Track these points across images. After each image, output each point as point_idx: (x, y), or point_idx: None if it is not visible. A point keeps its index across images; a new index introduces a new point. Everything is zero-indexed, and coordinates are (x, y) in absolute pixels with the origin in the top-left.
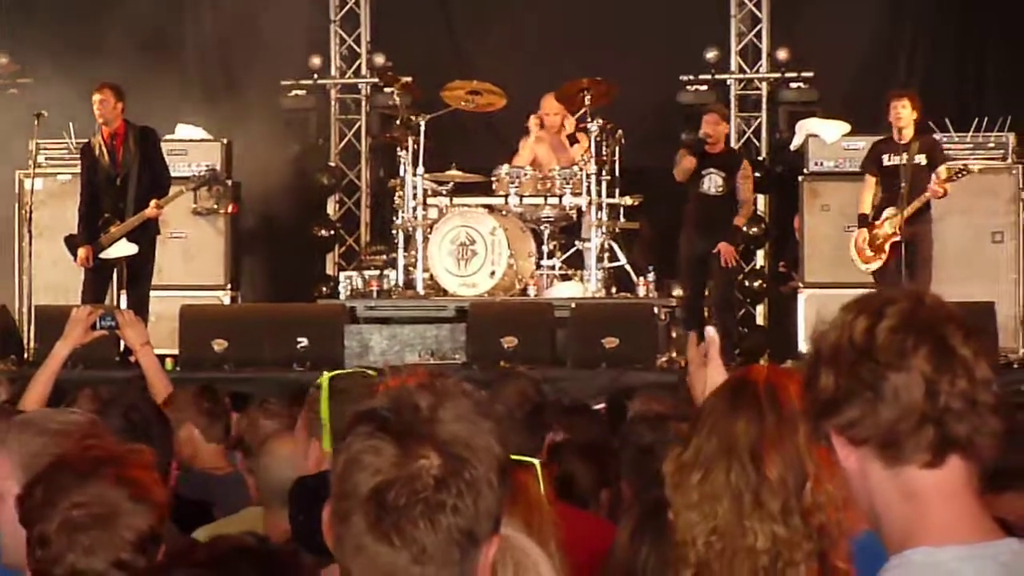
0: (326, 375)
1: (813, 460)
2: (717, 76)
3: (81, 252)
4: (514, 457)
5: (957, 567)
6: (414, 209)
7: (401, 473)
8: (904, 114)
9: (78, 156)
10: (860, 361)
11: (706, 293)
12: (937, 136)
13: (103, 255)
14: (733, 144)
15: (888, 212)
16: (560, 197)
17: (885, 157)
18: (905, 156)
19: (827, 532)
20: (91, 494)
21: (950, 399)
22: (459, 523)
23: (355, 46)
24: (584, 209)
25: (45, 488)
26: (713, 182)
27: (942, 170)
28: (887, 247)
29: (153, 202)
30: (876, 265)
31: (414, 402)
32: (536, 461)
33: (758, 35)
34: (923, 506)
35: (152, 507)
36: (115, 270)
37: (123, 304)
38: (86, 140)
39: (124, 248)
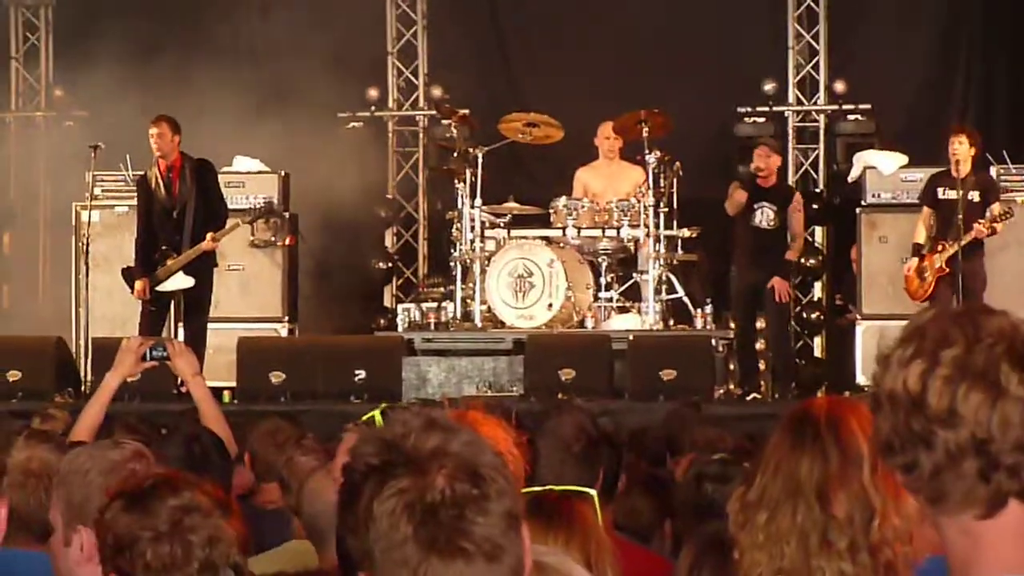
0: (379, 409)
1: (880, 494)
2: (775, 108)
3: (138, 284)
4: (571, 488)
5: None
6: (472, 241)
7: (435, 492)
8: (961, 150)
9: (134, 188)
10: (913, 412)
11: (759, 326)
12: (994, 168)
13: (160, 288)
14: (791, 176)
15: (941, 246)
16: (618, 229)
17: (940, 190)
18: (960, 191)
19: (893, 568)
20: (190, 501)
21: (1002, 455)
22: (506, 503)
23: (412, 78)
24: (642, 241)
25: (140, 499)
26: (765, 216)
27: (995, 207)
28: (933, 280)
29: (209, 235)
30: (921, 295)
31: (393, 435)
32: (593, 492)
33: (815, 67)
34: (981, 544)
35: (235, 514)
36: (172, 303)
37: (180, 337)
38: (142, 172)
39: (181, 281)
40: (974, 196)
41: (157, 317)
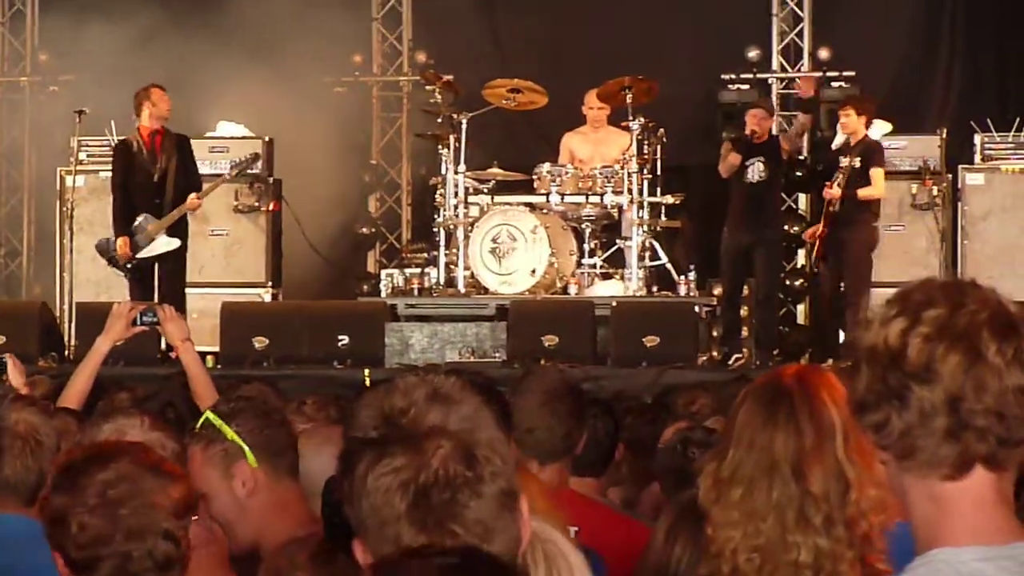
0: (207, 413)
1: (854, 466)
2: (759, 75)
3: (119, 242)
4: None
5: (979, 567)
6: (455, 207)
7: (430, 472)
8: (849, 122)
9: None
10: (890, 367)
11: (745, 291)
12: (978, 136)
13: (144, 253)
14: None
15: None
16: (602, 195)
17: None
18: (849, 157)
19: (869, 539)
20: (119, 473)
21: (973, 416)
22: (500, 484)
23: (397, 44)
24: (625, 207)
25: (70, 475)
26: (757, 169)
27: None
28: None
29: (193, 195)
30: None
31: (393, 408)
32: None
33: (800, 34)
34: (948, 510)
35: (175, 479)
36: (156, 268)
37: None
38: (123, 138)
39: (166, 243)
40: (856, 163)
41: (146, 284)
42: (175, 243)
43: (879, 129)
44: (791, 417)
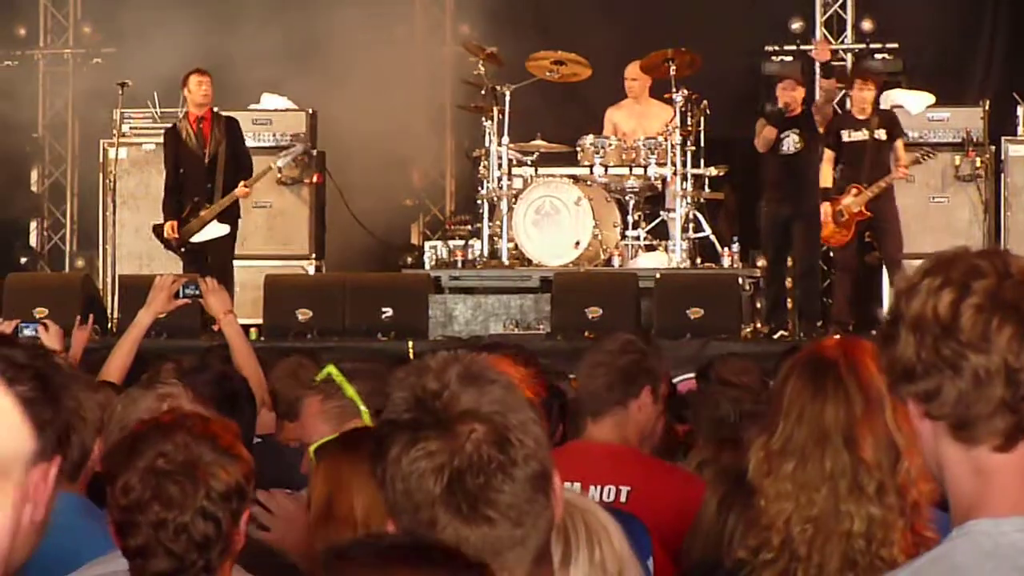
0: (330, 367)
1: (904, 434)
2: (802, 47)
3: (167, 226)
4: None
5: (1020, 537)
6: (499, 179)
7: (463, 456)
8: (868, 96)
9: (161, 128)
10: (943, 337)
11: (789, 263)
12: (1021, 108)
13: (196, 238)
14: None
15: (855, 189)
16: (645, 167)
17: (845, 133)
18: (867, 131)
19: (918, 507)
20: (176, 443)
21: None
22: (533, 467)
23: (439, 14)
24: (669, 179)
25: (131, 440)
26: (792, 141)
27: (901, 151)
28: (853, 223)
29: (241, 183)
30: (839, 239)
31: (426, 390)
32: None
33: (843, 6)
34: (992, 482)
35: (238, 462)
36: (205, 253)
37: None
38: (171, 124)
39: (217, 229)
40: (880, 135)
41: (198, 265)
42: (225, 229)
43: (922, 101)
44: (839, 387)
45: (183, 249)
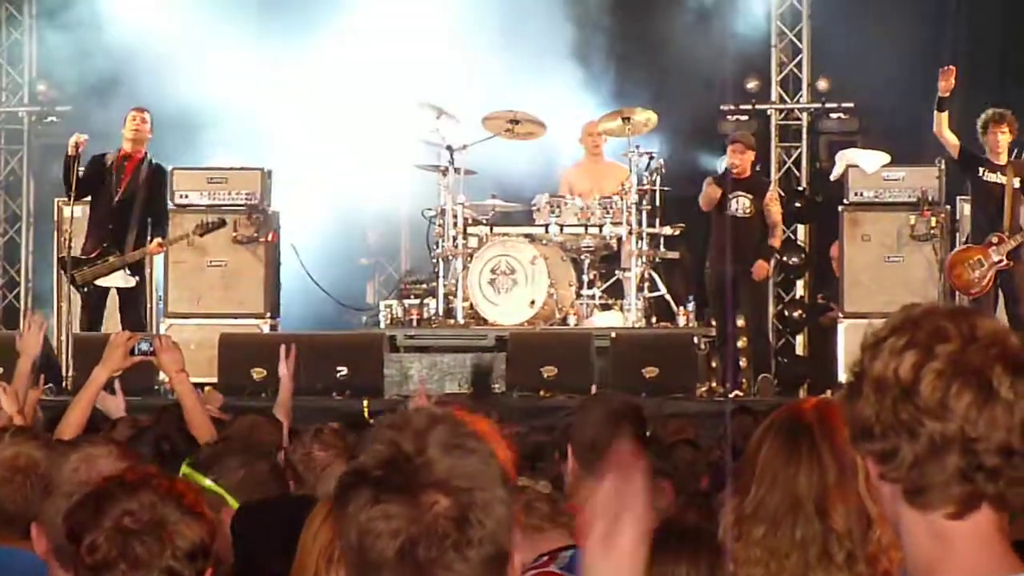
0: (184, 466)
1: (875, 502)
2: (758, 106)
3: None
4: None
5: None
6: (454, 238)
7: (420, 527)
8: (1003, 139)
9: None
10: (902, 400)
11: (740, 322)
12: None
13: (102, 282)
14: (773, 174)
15: (998, 238)
16: (600, 227)
17: (982, 170)
18: (1006, 177)
19: (889, 574)
20: (142, 502)
21: (985, 456)
22: (488, 550)
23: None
24: (624, 239)
25: (96, 498)
26: (740, 204)
27: None
28: (992, 274)
29: (157, 240)
30: (976, 289)
31: (401, 451)
32: None
33: (799, 65)
34: (949, 547)
35: (201, 520)
36: (110, 295)
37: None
38: (103, 152)
39: (123, 280)
40: (1015, 183)
41: (98, 309)
42: (132, 281)
43: (878, 160)
44: (813, 453)
45: (84, 289)
